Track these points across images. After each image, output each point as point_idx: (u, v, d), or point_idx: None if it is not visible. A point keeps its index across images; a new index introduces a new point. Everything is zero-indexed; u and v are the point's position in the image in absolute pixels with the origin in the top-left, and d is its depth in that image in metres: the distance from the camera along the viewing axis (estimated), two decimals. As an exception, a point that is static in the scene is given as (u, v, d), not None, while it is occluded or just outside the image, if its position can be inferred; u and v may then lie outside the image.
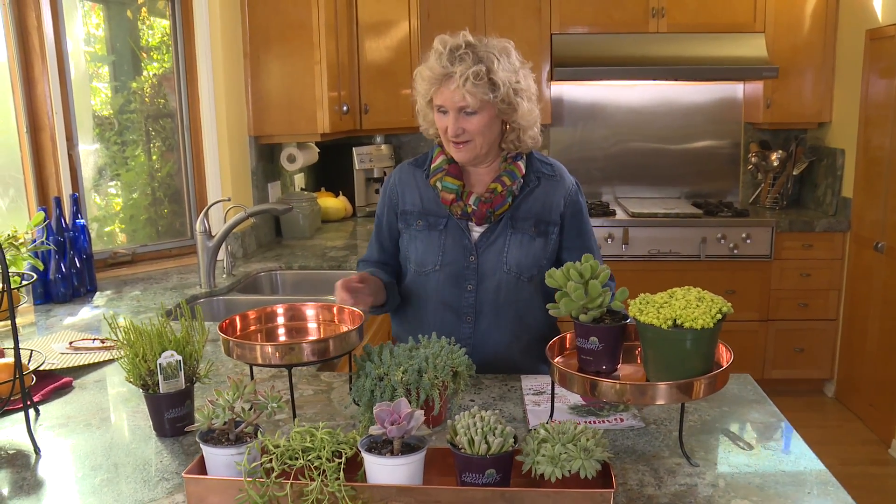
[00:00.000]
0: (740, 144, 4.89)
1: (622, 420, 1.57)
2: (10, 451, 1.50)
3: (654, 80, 4.69)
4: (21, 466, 1.43)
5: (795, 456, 1.43)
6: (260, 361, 1.46)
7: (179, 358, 1.50)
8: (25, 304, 2.48)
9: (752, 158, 4.74)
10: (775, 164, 4.67)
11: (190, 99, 3.29)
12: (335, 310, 1.69)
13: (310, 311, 1.70)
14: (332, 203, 4.32)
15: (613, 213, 4.47)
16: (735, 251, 4.32)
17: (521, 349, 1.98)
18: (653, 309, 1.38)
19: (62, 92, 2.82)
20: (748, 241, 4.30)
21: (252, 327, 1.65)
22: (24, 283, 1.69)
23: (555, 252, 1.96)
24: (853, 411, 4.30)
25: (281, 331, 1.69)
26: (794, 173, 4.65)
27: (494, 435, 1.20)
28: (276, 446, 1.22)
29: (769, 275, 4.36)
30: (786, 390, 4.48)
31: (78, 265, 2.68)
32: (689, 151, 4.91)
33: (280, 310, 1.69)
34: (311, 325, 1.70)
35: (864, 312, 4.15)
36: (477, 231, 1.93)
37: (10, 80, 2.74)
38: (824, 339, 4.45)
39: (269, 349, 1.46)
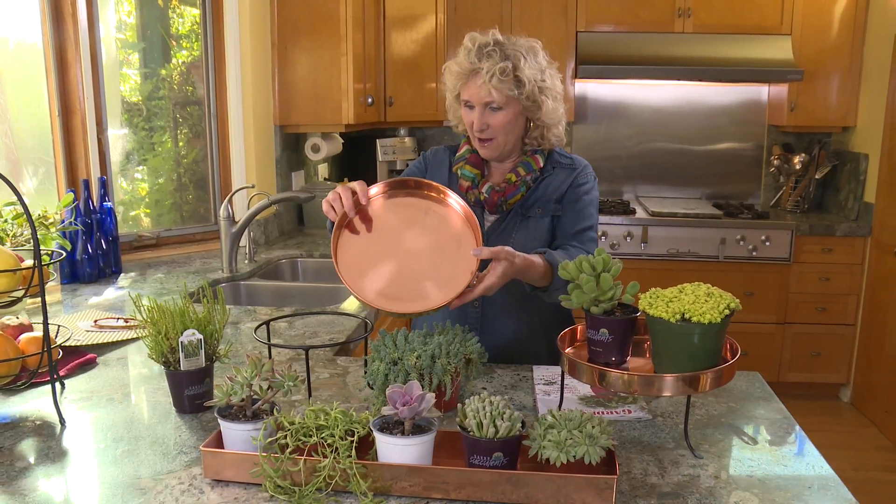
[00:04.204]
0: (763, 147, 4.88)
1: (630, 412, 1.60)
2: (37, 422, 1.55)
3: (679, 80, 4.69)
4: (47, 436, 1.49)
5: (799, 453, 1.46)
6: None
7: (201, 337, 1.54)
8: (53, 283, 2.55)
9: (775, 161, 4.73)
10: (798, 167, 4.65)
11: (217, 87, 3.35)
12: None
13: None
14: (354, 194, 4.36)
15: (633, 212, 4.48)
16: (754, 253, 4.32)
17: (529, 334, 2.01)
18: (662, 303, 1.41)
19: (94, 77, 2.89)
20: (767, 244, 4.30)
21: None
22: (54, 260, 1.75)
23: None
24: (868, 417, 4.29)
25: None
26: (817, 177, 4.63)
27: (503, 419, 1.24)
28: (291, 423, 1.26)
29: (788, 278, 4.35)
30: (801, 394, 4.48)
31: (104, 247, 2.75)
32: (712, 153, 4.91)
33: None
34: None
35: (882, 318, 4.13)
36: (490, 219, 1.98)
37: (45, 64, 2.81)
38: (842, 343, 4.44)
39: None
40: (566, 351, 1.51)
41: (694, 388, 1.37)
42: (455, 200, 1.72)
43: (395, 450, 1.24)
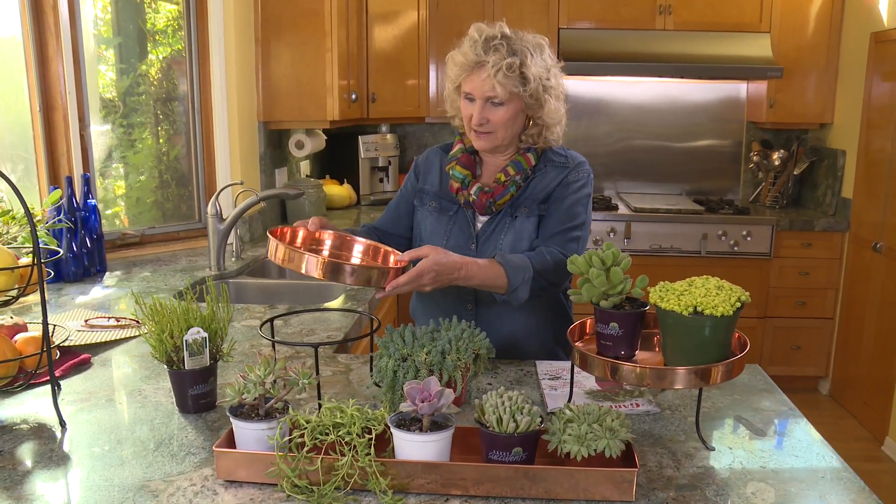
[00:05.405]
0: (742, 143, 4.93)
1: (638, 405, 1.60)
2: (35, 424, 1.51)
3: (660, 77, 4.72)
4: (47, 439, 1.45)
5: (808, 444, 1.47)
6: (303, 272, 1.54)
7: (205, 335, 1.51)
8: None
9: (754, 157, 4.78)
10: (776, 163, 4.71)
11: (202, 83, 3.30)
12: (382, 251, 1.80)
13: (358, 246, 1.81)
14: (336, 190, 4.33)
15: (616, 208, 4.50)
16: (735, 248, 4.36)
17: (524, 335, 1.99)
18: (673, 296, 1.41)
19: (76, 72, 2.83)
20: (748, 239, 4.35)
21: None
22: (51, 258, 1.71)
23: None
24: (847, 409, 4.36)
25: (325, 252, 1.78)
26: (795, 173, 4.70)
27: (522, 414, 1.23)
28: (308, 422, 1.24)
29: (768, 272, 4.41)
30: (781, 387, 4.50)
31: (89, 245, 2.69)
32: (692, 149, 4.95)
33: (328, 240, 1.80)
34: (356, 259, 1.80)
35: (860, 312, 4.20)
36: (481, 221, 1.96)
37: (25, 58, 2.74)
38: (821, 337, 4.50)
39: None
40: (576, 344, 1.51)
41: (706, 380, 1.38)
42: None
43: (414, 447, 1.22)
